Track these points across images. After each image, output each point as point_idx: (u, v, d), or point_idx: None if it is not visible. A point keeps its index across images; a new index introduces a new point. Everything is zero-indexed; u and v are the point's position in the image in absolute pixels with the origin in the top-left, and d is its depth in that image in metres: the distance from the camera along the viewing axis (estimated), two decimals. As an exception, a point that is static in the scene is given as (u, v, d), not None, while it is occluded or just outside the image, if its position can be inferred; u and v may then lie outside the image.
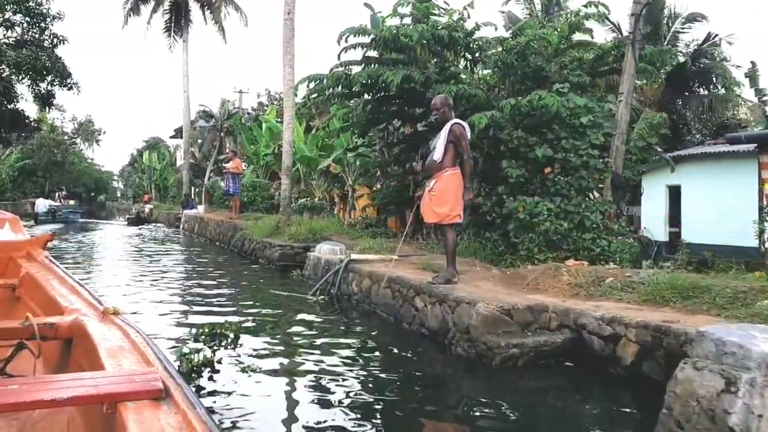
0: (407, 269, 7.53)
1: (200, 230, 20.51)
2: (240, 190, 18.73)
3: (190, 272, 11.43)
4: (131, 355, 1.66)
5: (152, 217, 31.86)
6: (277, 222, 13.92)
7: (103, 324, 1.97)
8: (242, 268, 12.39)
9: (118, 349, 1.71)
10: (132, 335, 1.82)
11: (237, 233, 15.41)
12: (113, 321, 1.99)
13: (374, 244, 9.30)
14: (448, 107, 6.48)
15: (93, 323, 1.98)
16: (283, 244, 11.99)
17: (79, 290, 2.48)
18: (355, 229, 13.92)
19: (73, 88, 21.19)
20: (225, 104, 42.71)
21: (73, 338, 2.05)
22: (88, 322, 2.00)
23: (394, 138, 15.14)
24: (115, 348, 1.72)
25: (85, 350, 1.87)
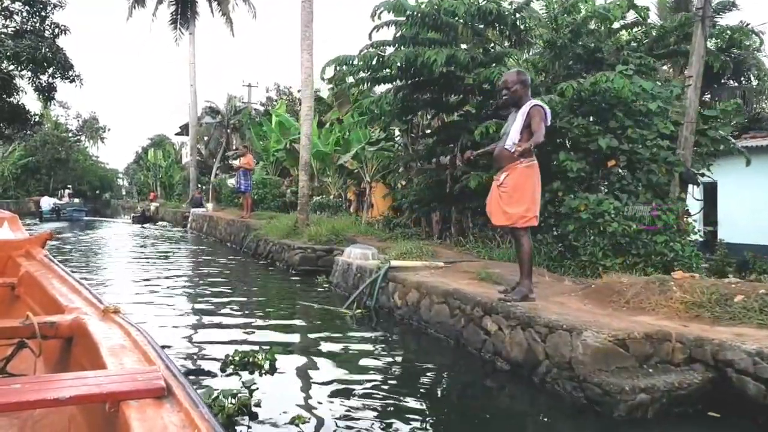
0: (461, 280, 6.34)
1: (209, 230, 19.34)
2: (251, 187, 17.54)
3: (203, 277, 10.26)
4: (133, 354, 1.63)
5: (158, 215, 30.68)
6: (295, 222, 12.73)
7: (103, 323, 1.94)
8: (259, 272, 11.21)
9: (120, 348, 1.69)
10: (133, 334, 1.78)
11: (250, 234, 14.23)
12: (114, 320, 1.95)
13: (411, 247, 8.10)
14: (521, 85, 5.27)
15: (94, 322, 1.96)
16: (303, 247, 10.80)
17: (80, 289, 2.44)
18: (378, 230, 12.75)
19: (75, 81, 20.03)
20: (232, 100, 41.43)
21: (74, 337, 2.02)
22: (88, 320, 1.97)
23: (419, 131, 13.98)
24: (117, 347, 1.70)
25: (86, 349, 1.85)
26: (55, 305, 2.34)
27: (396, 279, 6.83)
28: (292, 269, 10.66)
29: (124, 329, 1.85)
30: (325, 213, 16.47)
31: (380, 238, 11.05)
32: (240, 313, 7.15)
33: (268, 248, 12.48)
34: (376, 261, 8.17)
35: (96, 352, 1.69)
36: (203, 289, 9.04)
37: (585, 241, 7.66)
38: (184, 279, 10.23)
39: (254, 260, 12.91)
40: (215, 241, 17.75)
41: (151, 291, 8.68)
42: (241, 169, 16.99)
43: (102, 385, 1.35)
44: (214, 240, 18.08)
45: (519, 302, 4.96)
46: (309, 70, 12.49)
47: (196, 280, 10.04)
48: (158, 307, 7.51)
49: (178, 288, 9.19)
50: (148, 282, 9.68)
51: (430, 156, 10.38)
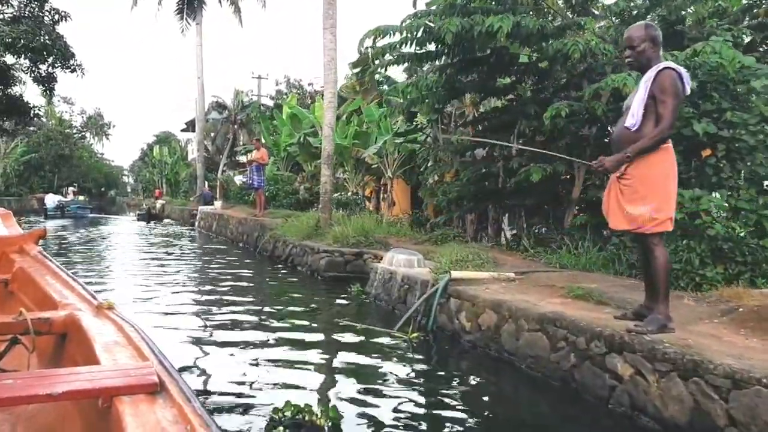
0: (551, 298, 4.99)
1: (219, 229, 18.01)
2: (265, 183, 16.19)
3: (215, 283, 8.93)
4: (126, 350, 1.62)
5: (164, 213, 29.37)
6: (317, 221, 11.39)
7: (97, 318, 1.92)
8: (279, 279, 9.87)
9: (113, 344, 1.66)
10: (127, 329, 1.76)
11: (266, 234, 12.89)
12: (108, 315, 1.93)
13: (467, 253, 6.75)
14: (651, 43, 3.91)
15: (87, 318, 1.93)
16: (329, 250, 9.45)
17: (73, 285, 2.39)
18: (406, 230, 11.40)
19: (76, 71, 18.71)
20: (239, 95, 40.13)
21: (68, 333, 1.99)
22: (82, 316, 1.94)
23: (450, 121, 12.64)
24: (110, 342, 1.68)
25: (79, 345, 1.82)
26: (49, 301, 2.29)
27: (461, 295, 5.48)
28: (318, 275, 9.32)
29: (117, 325, 1.81)
30: (343, 211, 15.13)
31: (416, 240, 9.69)
32: (266, 331, 5.83)
33: (287, 250, 11.13)
34: (424, 269, 6.83)
35: (89, 347, 1.66)
36: (217, 297, 7.71)
37: (677, 246, 6.32)
38: (196, 285, 8.90)
39: (271, 263, 11.57)
40: (226, 241, 16.42)
41: (158, 300, 7.38)
42: (253, 164, 15.64)
43: (95, 380, 1.34)
44: (224, 240, 16.74)
45: (655, 332, 3.63)
46: (332, 52, 11.13)
47: (208, 287, 8.71)
48: (167, 318, 6.23)
49: (189, 296, 7.88)
50: (155, 289, 8.37)
51: (475, 147, 9.03)
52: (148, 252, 13.77)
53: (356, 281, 8.64)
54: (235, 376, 4.35)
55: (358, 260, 9.28)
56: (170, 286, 8.79)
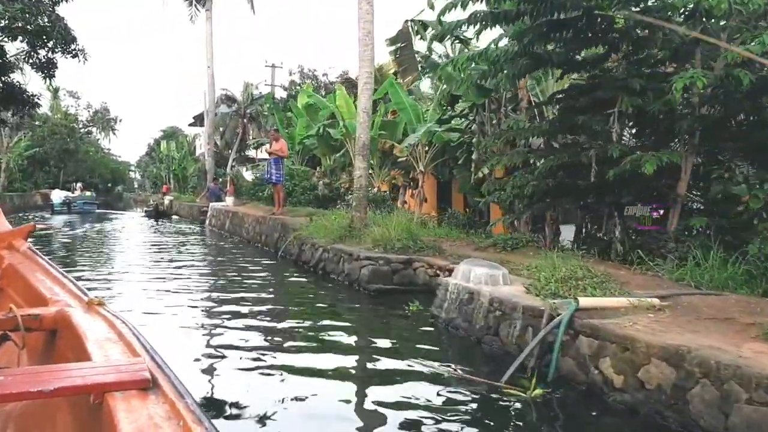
0: (742, 341, 3.35)
1: (233, 228, 16.37)
2: (284, 178, 14.55)
3: (235, 296, 7.32)
4: (117, 346, 1.57)
5: (172, 209, 27.76)
6: (350, 221, 9.75)
7: (88, 315, 1.87)
8: (312, 291, 8.22)
9: (104, 340, 1.62)
10: (118, 326, 1.71)
11: (289, 234, 11.26)
12: (98, 312, 1.88)
13: (571, 267, 5.10)
14: None
15: (78, 314, 1.87)
16: (372, 257, 7.80)
17: (63, 281, 2.33)
18: (447, 229, 9.77)
19: (78, 56, 17.06)
20: (248, 88, 38.59)
21: (58, 329, 1.94)
22: (73, 312, 1.89)
23: (499, 106, 11.00)
24: (101, 339, 1.63)
25: (70, 341, 1.77)
26: (39, 297, 2.24)
27: (599, 332, 3.82)
28: (359, 287, 7.68)
29: (108, 321, 1.76)
30: (371, 209, 13.47)
31: (475, 244, 8.04)
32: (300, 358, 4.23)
33: (316, 255, 9.48)
34: (514, 287, 5.19)
35: (80, 344, 1.62)
36: (234, 309, 6.09)
37: None
38: (209, 294, 7.27)
39: (297, 269, 9.92)
40: (241, 242, 14.79)
41: (166, 310, 5.79)
42: (272, 157, 14.00)
43: (86, 377, 1.31)
44: (239, 240, 15.11)
45: None
46: (369, 25, 9.47)
47: (224, 297, 7.07)
48: (176, 334, 4.64)
49: (205, 307, 6.27)
50: (162, 298, 6.81)
51: (557, 132, 7.37)
52: (157, 253, 12.17)
53: (406, 295, 7.04)
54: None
55: (407, 269, 7.65)
56: (182, 293, 7.22)
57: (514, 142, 10.56)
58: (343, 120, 17.36)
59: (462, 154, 12.98)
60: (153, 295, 7.34)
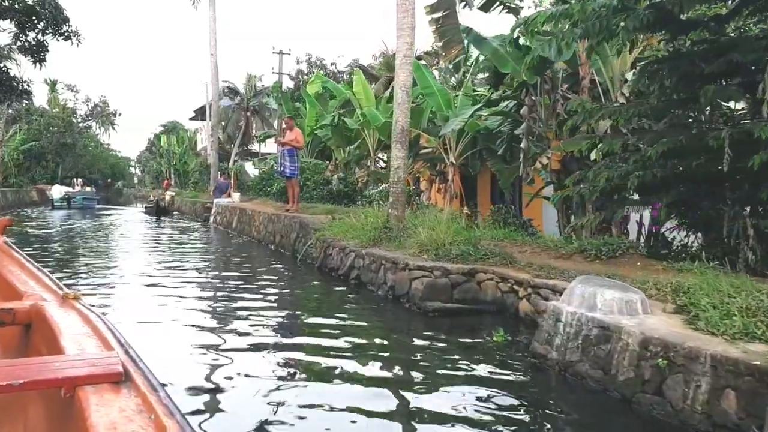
0: None
1: (241, 226, 14.74)
2: (299, 171, 12.91)
3: (251, 317, 5.73)
4: (91, 340, 1.54)
5: (173, 205, 26.12)
6: (385, 220, 8.15)
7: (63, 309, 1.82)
8: (345, 310, 6.58)
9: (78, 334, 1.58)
10: (93, 320, 1.66)
11: (310, 235, 9.65)
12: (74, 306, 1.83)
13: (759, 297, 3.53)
14: None
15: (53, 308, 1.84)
16: (425, 266, 6.18)
17: (39, 275, 2.28)
18: (501, 231, 8.18)
19: (71, 38, 15.42)
20: (251, 80, 36.95)
21: (32, 323, 1.90)
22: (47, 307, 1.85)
23: (554, 87, 9.44)
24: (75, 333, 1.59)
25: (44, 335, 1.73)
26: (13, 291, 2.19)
27: None
28: (413, 305, 6.06)
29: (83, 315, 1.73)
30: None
31: (554, 251, 6.42)
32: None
33: (347, 261, 7.86)
34: (657, 318, 3.62)
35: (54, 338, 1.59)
36: (258, 356, 4.48)
37: None
38: (220, 316, 5.66)
39: (323, 278, 8.31)
40: (251, 242, 13.17)
41: (170, 335, 4.19)
42: (286, 148, 12.38)
43: (58, 370, 1.29)
44: (248, 240, 13.49)
45: None
46: (410, -13, 7.86)
47: (239, 324, 5.47)
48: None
49: (212, 334, 4.67)
50: (167, 314, 5.19)
51: (667, 109, 5.75)
52: (157, 254, 10.56)
53: (474, 316, 5.47)
54: None
55: (469, 282, 6.05)
56: (188, 308, 5.60)
57: (573, 128, 9.06)
58: (360, 108, 15.77)
59: (501, 144, 11.37)
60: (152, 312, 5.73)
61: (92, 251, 11.61)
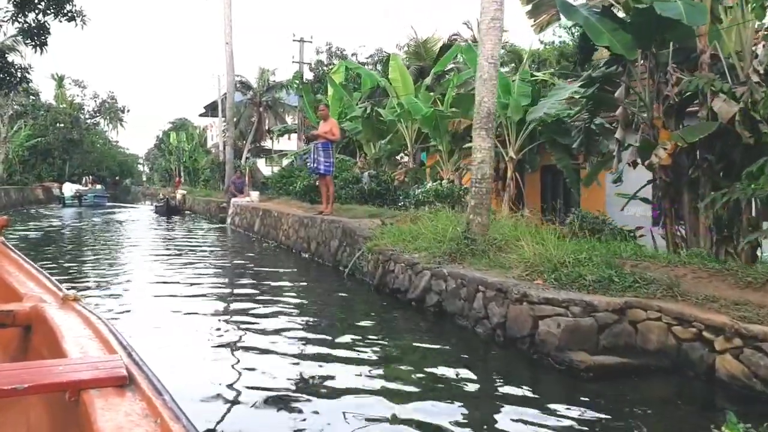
0: None
1: (265, 229, 12.88)
2: (334, 167, 11.05)
3: (299, 363, 3.94)
4: (93, 343, 1.49)
5: (185, 205, 24.32)
6: (465, 227, 6.29)
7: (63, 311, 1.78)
8: (433, 356, 4.69)
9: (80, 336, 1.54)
10: (94, 322, 1.62)
11: (357, 244, 7.82)
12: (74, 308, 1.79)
13: None
14: None
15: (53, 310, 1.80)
16: (555, 299, 4.32)
17: (38, 276, 2.24)
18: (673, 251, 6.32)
19: (75, 19, 13.61)
20: (264, 74, 35.10)
21: (33, 325, 1.86)
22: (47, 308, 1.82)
23: (657, 65, 7.62)
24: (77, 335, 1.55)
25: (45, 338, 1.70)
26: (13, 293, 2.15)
27: None
28: (546, 357, 4.19)
29: (84, 317, 1.69)
30: (441, 206, 9.99)
31: (735, 278, 4.56)
32: None
33: (420, 283, 6.00)
34: None
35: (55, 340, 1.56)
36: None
37: None
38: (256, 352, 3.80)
39: (383, 302, 6.48)
40: (277, 249, 11.33)
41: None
42: (319, 141, 10.53)
43: (62, 374, 1.26)
44: (275, 246, 11.64)
45: None
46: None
47: (287, 378, 3.65)
48: None
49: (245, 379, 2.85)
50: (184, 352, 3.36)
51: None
52: (169, 262, 8.74)
53: (632, 376, 3.64)
54: None
55: (620, 323, 4.20)
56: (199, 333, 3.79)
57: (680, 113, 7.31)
58: (397, 97, 13.93)
59: (577, 135, 9.50)
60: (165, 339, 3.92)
61: (102, 259, 9.81)
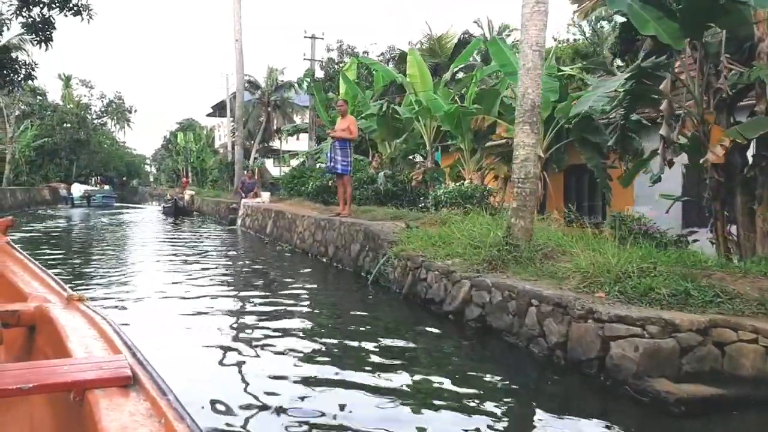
0: None
1: (279, 232, 12.31)
2: (352, 167, 10.46)
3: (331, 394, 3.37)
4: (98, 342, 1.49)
5: (193, 205, 23.81)
6: (506, 232, 5.69)
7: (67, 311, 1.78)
8: (483, 382, 4.10)
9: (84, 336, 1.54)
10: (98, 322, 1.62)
11: (380, 248, 7.24)
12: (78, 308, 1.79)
13: None
14: None
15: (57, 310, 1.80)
16: (628, 316, 3.73)
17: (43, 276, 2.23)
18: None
19: (81, 14, 13.11)
20: (273, 73, 34.63)
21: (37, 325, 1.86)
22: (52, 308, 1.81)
23: (707, 55, 7.03)
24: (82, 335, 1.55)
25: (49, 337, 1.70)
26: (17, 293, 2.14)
27: None
28: (620, 384, 3.57)
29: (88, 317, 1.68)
30: (463, 209, 9.38)
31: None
32: None
33: (458, 294, 5.39)
34: None
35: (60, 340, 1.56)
36: None
37: None
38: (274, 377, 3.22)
39: (415, 315, 5.90)
40: (293, 253, 10.76)
41: None
42: (336, 140, 9.96)
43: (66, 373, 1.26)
44: (289, 250, 11.06)
45: None
46: None
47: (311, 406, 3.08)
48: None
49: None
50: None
51: None
52: (175, 266, 8.19)
53: (727, 408, 3.04)
54: None
55: (704, 345, 3.60)
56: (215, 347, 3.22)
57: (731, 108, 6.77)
58: (415, 94, 13.34)
59: (613, 132, 8.89)
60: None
61: (109, 260, 9.27)
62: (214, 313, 5.68)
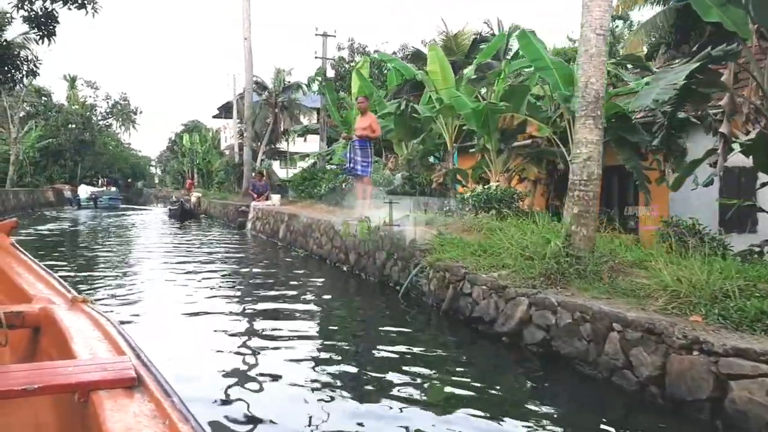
0: None
1: (292, 237, 11.59)
2: (372, 168, 9.75)
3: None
4: (102, 344, 1.48)
5: (200, 208, 23.10)
6: (565, 239, 4.99)
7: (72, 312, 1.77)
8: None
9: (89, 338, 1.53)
10: (103, 323, 1.61)
11: (415, 257, 6.52)
12: (83, 309, 1.78)
13: None
14: None
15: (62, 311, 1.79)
16: (751, 350, 3.04)
17: (47, 278, 2.21)
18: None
19: (86, 6, 12.43)
20: (280, 74, 33.96)
21: (42, 327, 1.84)
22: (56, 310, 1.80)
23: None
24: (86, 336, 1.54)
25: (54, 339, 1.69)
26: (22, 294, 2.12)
27: None
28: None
29: (93, 319, 1.67)
30: (494, 213, 8.65)
31: None
32: None
33: (514, 313, 4.66)
34: None
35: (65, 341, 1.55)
36: None
37: None
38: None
39: (459, 336, 5.18)
40: (308, 260, 10.04)
41: None
42: (356, 140, 9.27)
43: (71, 375, 1.25)
44: (305, 256, 10.33)
45: None
46: None
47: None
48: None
49: None
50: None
51: None
52: (183, 271, 7.48)
53: None
54: None
55: None
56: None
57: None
58: (436, 91, 12.64)
59: (658, 132, 8.16)
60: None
61: (115, 263, 8.59)
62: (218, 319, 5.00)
